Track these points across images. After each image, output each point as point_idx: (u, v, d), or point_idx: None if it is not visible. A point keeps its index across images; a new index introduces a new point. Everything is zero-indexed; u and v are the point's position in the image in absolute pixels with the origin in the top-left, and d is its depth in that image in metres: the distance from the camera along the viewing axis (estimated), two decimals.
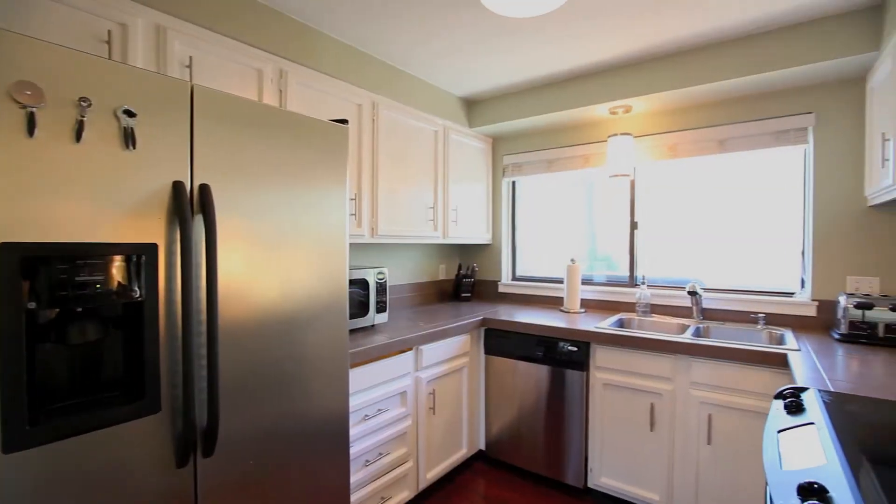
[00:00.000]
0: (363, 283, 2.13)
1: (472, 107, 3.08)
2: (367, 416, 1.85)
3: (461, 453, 2.46)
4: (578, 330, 2.24)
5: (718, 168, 2.55)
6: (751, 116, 2.38)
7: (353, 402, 1.79)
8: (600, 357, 2.19)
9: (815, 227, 2.23)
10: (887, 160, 1.69)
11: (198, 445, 1.14)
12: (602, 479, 2.20)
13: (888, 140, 1.67)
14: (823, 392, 1.25)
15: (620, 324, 2.50)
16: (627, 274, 2.83)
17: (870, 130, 2.01)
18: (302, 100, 1.96)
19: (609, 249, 2.93)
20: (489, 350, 2.57)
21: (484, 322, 2.56)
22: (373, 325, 2.23)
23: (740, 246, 2.49)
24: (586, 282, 2.95)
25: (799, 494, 0.74)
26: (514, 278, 3.35)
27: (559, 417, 2.31)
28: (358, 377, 1.81)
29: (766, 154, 2.39)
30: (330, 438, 1.49)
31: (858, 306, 1.90)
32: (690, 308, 2.50)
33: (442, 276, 3.35)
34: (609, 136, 2.63)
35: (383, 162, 2.37)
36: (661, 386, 2.03)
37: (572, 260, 2.79)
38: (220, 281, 1.19)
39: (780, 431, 1.06)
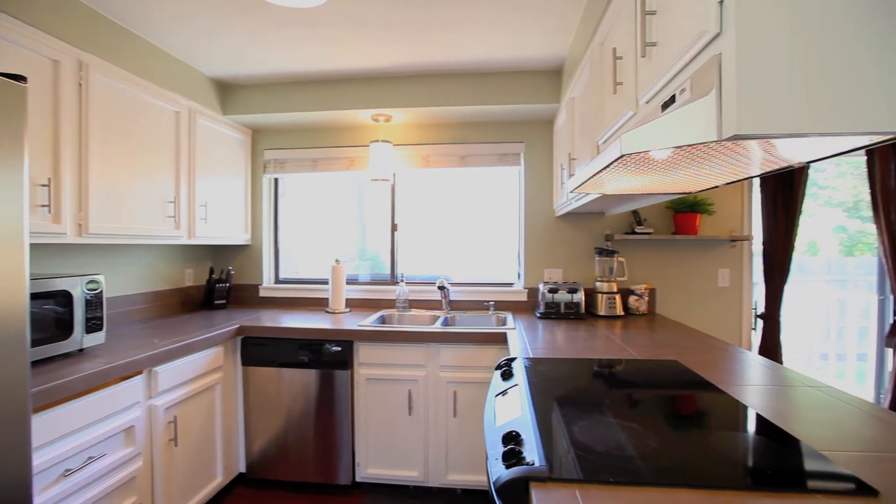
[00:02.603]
0: (64, 297, 1.63)
1: (228, 91, 2.75)
2: (68, 470, 1.41)
3: (216, 483, 2.16)
4: (342, 329, 2.27)
5: (463, 179, 3.00)
6: (483, 139, 2.89)
7: (45, 456, 1.34)
8: (363, 354, 2.28)
9: (526, 231, 2.86)
10: (563, 183, 2.31)
11: None
12: (368, 470, 2.29)
13: (563, 169, 2.29)
14: (526, 359, 1.61)
15: (382, 320, 2.65)
16: (389, 272, 3.03)
17: (555, 161, 2.71)
18: None
19: (376, 249, 3.08)
20: (248, 361, 2.34)
21: (241, 330, 2.32)
22: (81, 350, 1.73)
23: (478, 245, 2.99)
24: (351, 281, 3.02)
25: (503, 442, 0.93)
26: (278, 281, 3.16)
27: (328, 420, 2.29)
28: (53, 421, 1.37)
29: (496, 171, 2.94)
30: None
31: (550, 291, 2.54)
32: (441, 301, 2.86)
33: (189, 283, 2.87)
34: (371, 142, 2.76)
35: (97, 141, 1.87)
36: (417, 373, 2.25)
37: (337, 260, 2.81)
38: None
39: (497, 395, 1.31)
